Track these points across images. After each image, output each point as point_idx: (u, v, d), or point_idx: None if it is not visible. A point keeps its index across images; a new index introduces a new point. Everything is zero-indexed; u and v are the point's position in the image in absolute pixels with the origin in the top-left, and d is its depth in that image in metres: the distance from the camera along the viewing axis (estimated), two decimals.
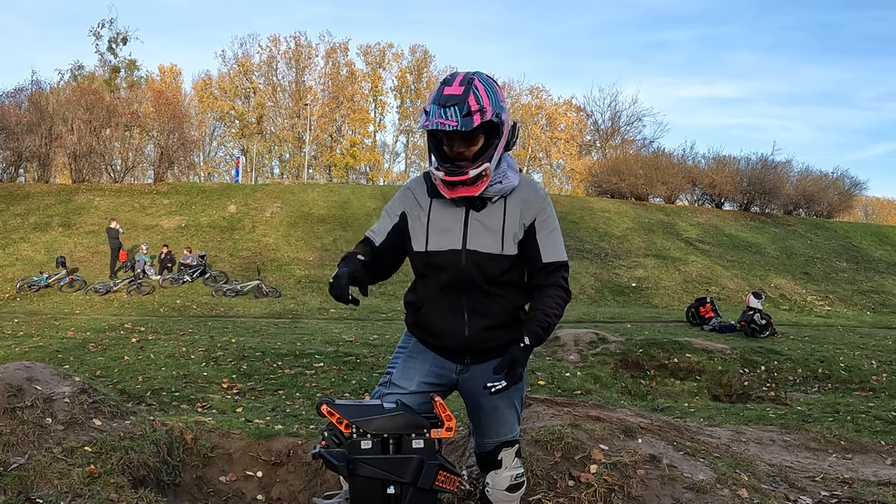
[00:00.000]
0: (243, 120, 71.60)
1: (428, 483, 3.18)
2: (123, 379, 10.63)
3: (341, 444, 3.18)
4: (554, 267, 3.45)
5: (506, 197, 3.42)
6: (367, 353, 12.89)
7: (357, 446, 3.15)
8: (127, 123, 40.72)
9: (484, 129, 3.26)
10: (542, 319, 3.32)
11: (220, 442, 6.36)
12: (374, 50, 75.79)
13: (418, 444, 3.18)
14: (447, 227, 3.43)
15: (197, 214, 34.75)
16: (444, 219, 3.44)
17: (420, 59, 76.37)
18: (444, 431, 3.19)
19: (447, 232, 3.42)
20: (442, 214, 3.45)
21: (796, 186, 47.07)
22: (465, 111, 3.14)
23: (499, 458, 3.67)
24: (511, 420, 3.67)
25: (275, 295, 26.51)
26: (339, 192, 39.98)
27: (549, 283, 3.43)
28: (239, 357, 12.26)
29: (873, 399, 11.19)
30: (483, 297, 3.45)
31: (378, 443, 3.18)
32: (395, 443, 3.19)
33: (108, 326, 16.71)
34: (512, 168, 3.46)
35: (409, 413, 3.22)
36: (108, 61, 58.22)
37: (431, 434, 3.20)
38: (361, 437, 3.16)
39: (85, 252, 30.35)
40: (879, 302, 33.09)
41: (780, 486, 5.13)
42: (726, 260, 35.32)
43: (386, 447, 3.19)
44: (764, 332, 18.17)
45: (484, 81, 3.26)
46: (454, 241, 3.41)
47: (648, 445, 5.09)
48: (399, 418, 3.19)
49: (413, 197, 3.56)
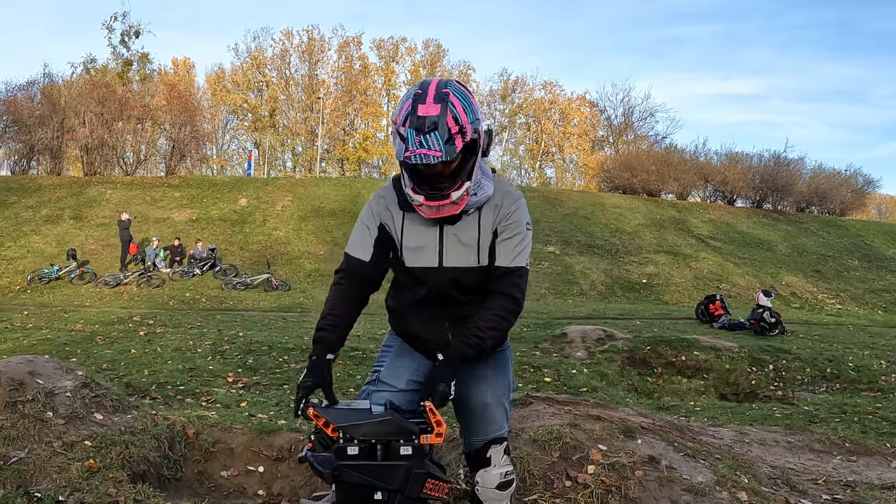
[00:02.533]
0: (256, 113, 71.59)
1: (415, 492, 3.14)
2: (129, 372, 10.64)
3: (328, 447, 3.14)
4: (505, 272, 3.35)
5: (480, 207, 3.35)
6: (374, 349, 12.84)
7: (343, 452, 3.10)
8: (139, 116, 40.75)
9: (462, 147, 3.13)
10: (471, 339, 3.26)
11: (222, 437, 6.36)
12: (387, 44, 75.73)
13: (406, 451, 3.11)
14: (422, 244, 3.37)
15: (208, 208, 34.78)
16: (418, 235, 3.37)
17: (433, 53, 76.26)
18: (433, 437, 3.11)
19: (422, 250, 3.37)
20: (415, 231, 3.37)
21: (809, 184, 46.90)
22: (445, 136, 3.01)
23: (487, 456, 3.63)
24: (499, 418, 3.64)
25: (284, 289, 26.54)
26: (351, 186, 39.99)
27: (498, 291, 3.35)
28: (245, 351, 12.26)
29: (881, 400, 11.12)
30: (462, 304, 3.42)
31: (365, 449, 3.12)
32: (382, 448, 3.12)
33: (117, 319, 16.72)
34: (486, 175, 3.38)
35: (397, 418, 3.13)
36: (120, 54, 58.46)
37: (420, 440, 3.12)
38: (348, 443, 3.10)
39: (96, 245, 30.42)
40: (891, 301, 32.94)
41: (781, 488, 5.09)
42: (737, 257, 35.21)
43: (374, 453, 3.12)
44: (773, 330, 18.11)
45: (458, 93, 3.10)
46: (430, 258, 3.37)
47: (648, 446, 5.06)
48: (387, 424, 3.11)
49: (387, 207, 3.44)
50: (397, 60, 76.53)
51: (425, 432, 3.11)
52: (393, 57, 76.15)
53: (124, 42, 58.09)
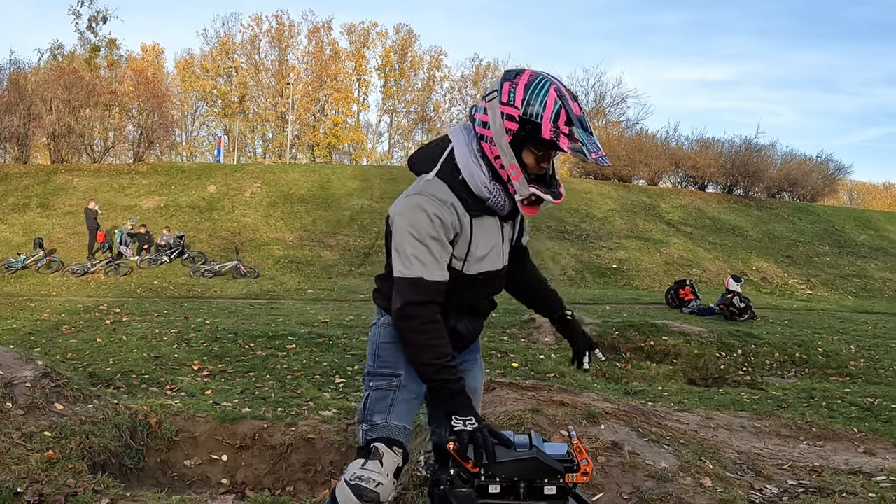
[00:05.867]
0: (225, 99, 71.28)
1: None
2: (94, 362, 10.54)
3: (466, 482, 2.88)
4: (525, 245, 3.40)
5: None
6: (341, 335, 12.83)
7: (485, 490, 2.86)
8: (107, 103, 40.34)
9: None
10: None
11: (186, 425, 6.34)
12: (357, 29, 75.59)
13: (551, 491, 2.88)
14: (488, 250, 3.13)
15: (176, 195, 34.52)
16: (487, 241, 3.11)
17: (405, 38, 76.16)
18: (579, 476, 2.89)
19: (488, 255, 3.13)
20: (485, 237, 3.10)
21: (780, 170, 47.05)
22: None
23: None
24: (479, 398, 3.55)
25: (253, 276, 26.39)
26: (320, 172, 39.85)
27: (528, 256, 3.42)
28: (212, 339, 12.17)
29: (850, 385, 11.20)
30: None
31: (507, 487, 2.88)
32: (525, 487, 2.88)
33: (84, 308, 16.58)
34: None
35: (542, 456, 2.87)
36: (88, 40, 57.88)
37: (566, 479, 2.88)
38: (489, 480, 2.85)
39: (63, 233, 30.13)
40: (861, 286, 33.19)
41: (747, 474, 5.09)
42: (708, 242, 35.34)
43: (516, 491, 2.89)
44: (743, 315, 18.19)
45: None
46: (495, 262, 3.17)
47: (611, 432, 5.04)
48: (531, 462, 2.86)
49: (457, 213, 3.01)
50: (368, 46, 76.54)
51: (571, 471, 2.89)
52: (364, 42, 76.12)
53: (92, 28, 57.56)
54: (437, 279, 2.95)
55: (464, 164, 2.98)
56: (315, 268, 28.57)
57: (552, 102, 2.78)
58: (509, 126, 2.83)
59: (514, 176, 2.90)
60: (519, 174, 2.89)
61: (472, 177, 2.96)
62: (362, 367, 10.85)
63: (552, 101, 2.78)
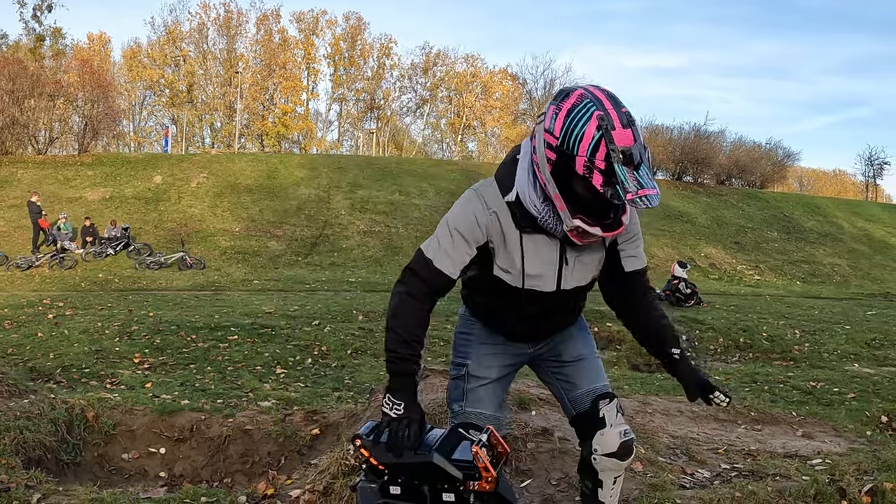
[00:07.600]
0: (173, 89, 70.59)
1: None
2: (35, 356, 10.41)
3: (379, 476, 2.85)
4: (643, 272, 3.18)
5: None
6: (284, 325, 12.80)
7: (387, 490, 2.84)
8: (51, 93, 39.76)
9: None
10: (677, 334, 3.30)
11: (123, 419, 6.32)
12: (307, 17, 75.21)
13: (449, 498, 2.80)
14: (543, 271, 2.97)
15: (122, 186, 34.10)
16: (541, 261, 2.95)
17: (354, 26, 75.92)
18: (481, 484, 2.75)
19: (544, 275, 2.97)
20: (538, 256, 2.94)
21: (729, 156, 47.56)
22: (650, 166, 2.64)
23: (601, 416, 3.21)
24: (600, 370, 3.38)
25: (199, 267, 26.19)
26: (268, 162, 39.60)
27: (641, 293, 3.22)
28: (154, 331, 12.06)
29: (793, 369, 11.34)
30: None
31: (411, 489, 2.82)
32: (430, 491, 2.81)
33: (27, 303, 16.36)
34: None
35: (441, 461, 2.75)
36: (32, 29, 57.20)
37: (467, 486, 2.78)
38: (391, 482, 2.82)
39: (7, 227, 29.67)
40: (809, 272, 33.65)
41: (680, 458, 5.14)
42: (656, 229, 35.50)
43: (419, 494, 2.82)
44: (689, 301, 18.37)
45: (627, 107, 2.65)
46: (548, 284, 2.99)
47: (542, 418, 5.06)
48: (428, 466, 2.76)
49: (499, 223, 2.89)
50: (317, 34, 76.26)
51: (471, 479, 2.76)
52: (313, 30, 75.80)
53: (36, 17, 57.03)
54: (442, 269, 2.88)
55: (518, 180, 2.86)
56: (261, 258, 28.42)
57: (590, 134, 2.54)
58: (549, 156, 2.66)
59: (558, 206, 2.73)
60: (563, 206, 2.71)
61: (523, 194, 2.83)
62: (304, 358, 10.86)
63: (591, 131, 2.54)
